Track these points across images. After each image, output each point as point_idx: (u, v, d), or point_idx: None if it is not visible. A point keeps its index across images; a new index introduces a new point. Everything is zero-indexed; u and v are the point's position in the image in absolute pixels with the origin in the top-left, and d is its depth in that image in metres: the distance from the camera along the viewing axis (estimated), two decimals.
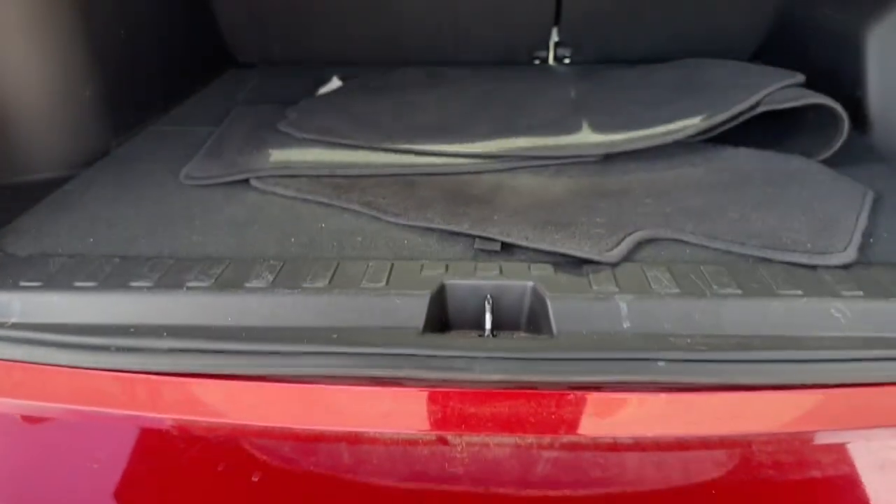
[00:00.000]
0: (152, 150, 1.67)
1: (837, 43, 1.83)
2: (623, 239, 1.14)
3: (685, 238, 1.16)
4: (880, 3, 1.71)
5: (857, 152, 1.57)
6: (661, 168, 1.44)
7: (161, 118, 1.91)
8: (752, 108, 1.49)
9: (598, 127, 1.58)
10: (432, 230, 1.23)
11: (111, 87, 1.70)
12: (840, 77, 1.81)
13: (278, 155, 1.53)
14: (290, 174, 1.45)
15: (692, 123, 1.47)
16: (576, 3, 2.25)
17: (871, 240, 1.18)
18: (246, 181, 1.44)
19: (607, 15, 2.26)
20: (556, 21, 2.33)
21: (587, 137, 1.53)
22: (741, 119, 1.49)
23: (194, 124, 1.84)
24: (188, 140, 1.72)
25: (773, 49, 2.28)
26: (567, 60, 2.38)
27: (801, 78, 1.55)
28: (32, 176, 1.58)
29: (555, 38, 2.37)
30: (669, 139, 1.45)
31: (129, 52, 1.81)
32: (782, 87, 1.51)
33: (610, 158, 1.48)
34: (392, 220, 1.26)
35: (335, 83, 2.13)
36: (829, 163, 1.44)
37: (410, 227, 1.24)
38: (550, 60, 2.40)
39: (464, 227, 1.20)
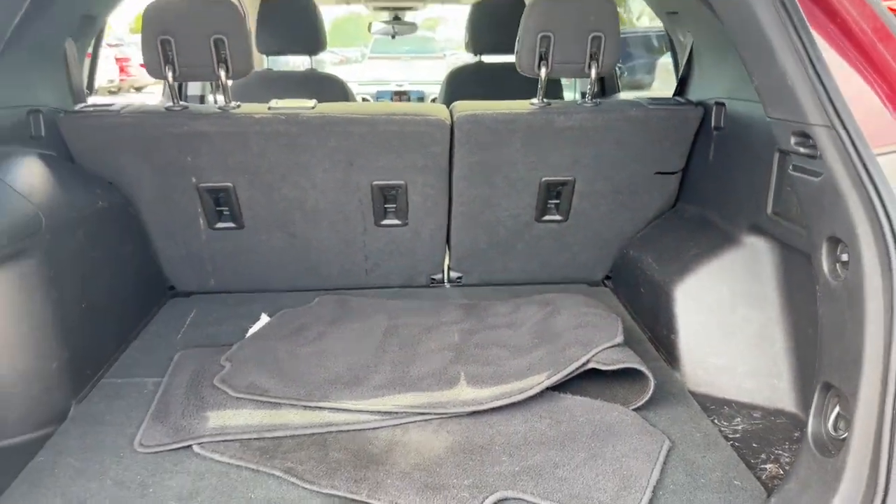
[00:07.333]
0: (107, 410, 2.00)
1: (656, 289, 2.38)
2: (483, 501, 1.56)
3: (527, 497, 1.59)
4: (683, 268, 2.29)
5: (671, 388, 2.08)
6: (517, 422, 1.88)
7: (113, 366, 2.25)
8: (584, 364, 1.97)
9: (471, 379, 2.02)
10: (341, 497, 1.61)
11: (73, 355, 2.04)
12: (658, 316, 2.35)
13: (215, 419, 1.89)
14: (225, 439, 1.81)
15: (539, 381, 1.94)
16: (461, 242, 2.78)
17: (661, 493, 1.63)
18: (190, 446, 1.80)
19: (484, 249, 2.80)
20: (448, 253, 2.85)
21: (461, 394, 1.96)
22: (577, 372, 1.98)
23: (143, 375, 2.19)
24: (139, 395, 2.07)
25: (618, 278, 2.86)
26: (460, 280, 2.89)
27: (620, 339, 2.05)
28: (3, 441, 1.88)
29: (447, 265, 2.88)
30: (522, 397, 1.91)
31: (89, 317, 2.17)
32: (609, 347, 2.01)
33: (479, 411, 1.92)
34: (307, 486, 1.64)
35: (263, 319, 2.53)
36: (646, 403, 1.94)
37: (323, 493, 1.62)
38: (445, 283, 2.90)
39: (363, 496, 1.59)
